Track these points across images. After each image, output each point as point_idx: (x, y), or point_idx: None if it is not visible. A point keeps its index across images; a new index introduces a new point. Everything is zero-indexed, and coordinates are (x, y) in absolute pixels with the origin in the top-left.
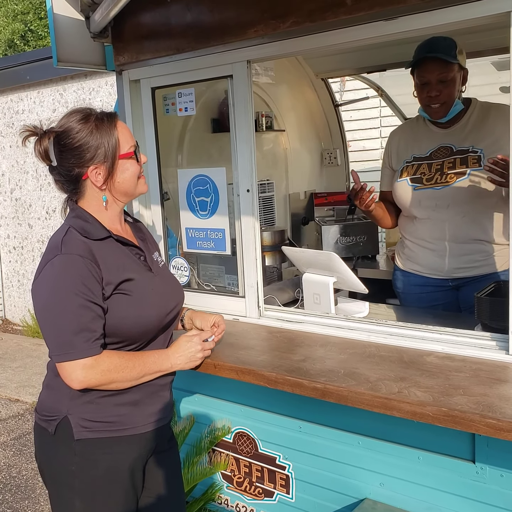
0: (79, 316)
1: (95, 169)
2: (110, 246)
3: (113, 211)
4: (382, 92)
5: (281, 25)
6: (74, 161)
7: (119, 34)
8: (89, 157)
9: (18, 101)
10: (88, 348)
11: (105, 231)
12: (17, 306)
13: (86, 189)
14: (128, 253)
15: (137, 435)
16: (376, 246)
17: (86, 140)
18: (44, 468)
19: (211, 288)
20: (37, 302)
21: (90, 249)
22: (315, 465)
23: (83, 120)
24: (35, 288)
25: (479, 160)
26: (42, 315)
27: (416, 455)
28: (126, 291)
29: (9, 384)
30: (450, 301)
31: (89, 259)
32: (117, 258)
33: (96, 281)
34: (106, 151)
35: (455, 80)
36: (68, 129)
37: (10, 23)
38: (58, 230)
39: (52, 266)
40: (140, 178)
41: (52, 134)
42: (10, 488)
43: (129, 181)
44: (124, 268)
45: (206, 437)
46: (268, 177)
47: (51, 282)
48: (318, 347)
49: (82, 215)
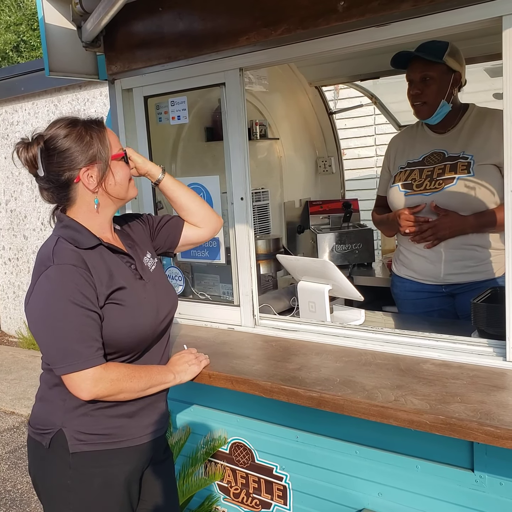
0: (81, 325)
1: (87, 171)
2: (100, 254)
3: (104, 216)
4: (376, 100)
5: (273, 32)
6: (65, 164)
7: (111, 43)
8: (80, 159)
9: (12, 112)
10: (93, 357)
11: (95, 239)
12: (13, 318)
13: (77, 193)
14: (118, 261)
15: (133, 447)
16: (372, 253)
17: (76, 143)
18: (38, 482)
19: (206, 297)
20: (34, 315)
21: (82, 258)
22: (313, 476)
23: (70, 125)
24: (31, 302)
25: (469, 167)
26: (41, 328)
27: (414, 464)
28: (118, 300)
29: (4, 396)
30: (445, 307)
31: (82, 268)
32: (108, 267)
33: (92, 289)
34: (98, 152)
35: (439, 81)
36: (56, 134)
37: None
38: (47, 241)
39: (47, 278)
40: (130, 181)
41: (41, 140)
42: (5, 502)
43: (121, 183)
44: (115, 277)
45: (202, 448)
46: (263, 186)
47: (48, 294)
48: (313, 355)
49: (70, 225)
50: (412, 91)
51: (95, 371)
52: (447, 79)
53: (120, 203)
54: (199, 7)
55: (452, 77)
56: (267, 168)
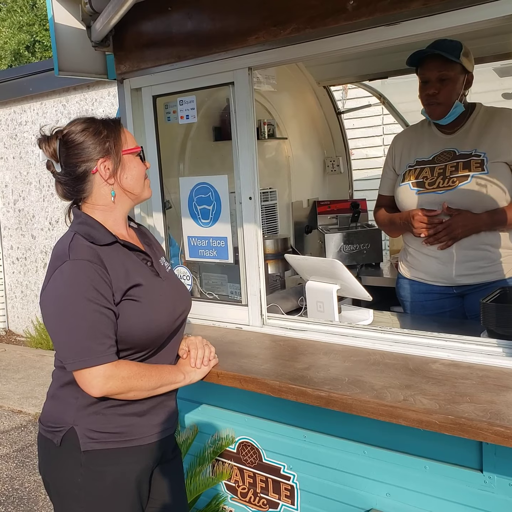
0: (94, 322)
1: (104, 162)
2: (116, 251)
3: (119, 211)
4: (384, 100)
5: (282, 31)
6: (83, 155)
7: (120, 42)
8: (97, 150)
9: (21, 112)
10: (105, 354)
11: (111, 236)
12: (20, 317)
13: (93, 185)
14: (135, 258)
15: (144, 445)
16: (380, 253)
17: (93, 137)
18: (49, 480)
19: (214, 296)
20: (48, 310)
21: (97, 254)
22: (320, 475)
23: (88, 121)
24: (45, 296)
25: (482, 164)
26: (54, 323)
27: (423, 465)
28: (135, 297)
29: (12, 395)
30: (455, 309)
31: (98, 264)
32: (125, 263)
33: (107, 286)
34: (115, 145)
35: (456, 81)
36: (74, 128)
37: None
38: (63, 237)
39: (61, 273)
40: (146, 180)
41: (60, 134)
42: (13, 500)
43: (136, 178)
44: (132, 273)
45: (209, 447)
46: (271, 185)
47: (63, 289)
48: (322, 355)
49: (87, 221)
50: (428, 90)
51: (107, 368)
52: (462, 79)
53: (135, 201)
54: (208, 6)
55: (465, 78)
56: (275, 168)
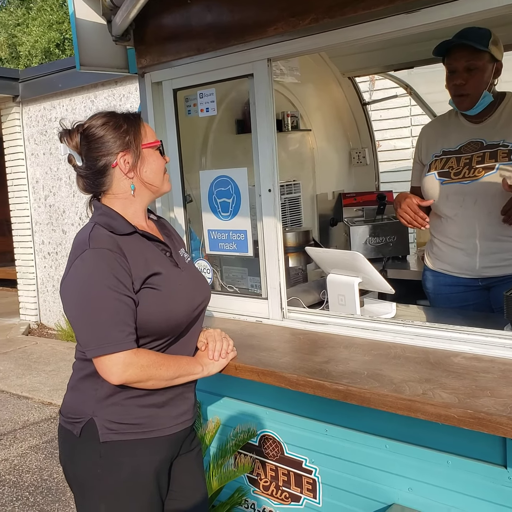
0: (114, 309)
1: (124, 156)
2: (136, 241)
3: (139, 203)
4: (411, 90)
5: (301, 22)
6: (103, 149)
7: (140, 36)
8: (117, 144)
9: (51, 109)
10: (124, 342)
11: (130, 227)
12: (52, 311)
13: (113, 179)
14: (154, 248)
15: (163, 437)
16: (406, 246)
17: (113, 131)
18: (69, 470)
19: (234, 290)
20: (69, 298)
21: (117, 243)
22: (342, 469)
23: (108, 115)
24: (65, 284)
25: (510, 154)
26: (75, 311)
27: (445, 459)
28: (154, 285)
29: (43, 387)
30: (481, 301)
31: (117, 253)
32: (144, 253)
33: (127, 274)
34: (134, 139)
35: (484, 70)
36: (95, 123)
37: (46, 33)
38: (84, 227)
39: (82, 261)
40: (165, 174)
41: (81, 128)
42: (42, 490)
43: (156, 172)
44: (151, 263)
45: (231, 440)
46: (295, 178)
47: (83, 277)
48: (342, 348)
49: (107, 212)
50: (456, 81)
51: (126, 355)
52: (491, 68)
53: (155, 194)
54: None
55: (494, 67)
56: (299, 160)
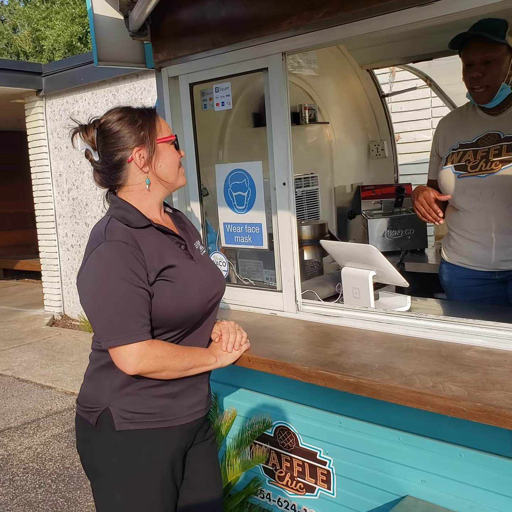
0: (129, 301)
1: (139, 150)
2: (151, 234)
3: (154, 198)
4: (430, 82)
5: (315, 15)
6: (119, 144)
7: (157, 31)
8: (133, 139)
9: (73, 102)
10: (139, 333)
11: (145, 220)
12: (75, 302)
13: (128, 173)
14: (169, 241)
15: (177, 426)
16: (424, 239)
17: (129, 126)
18: (86, 459)
19: (250, 282)
20: (85, 290)
21: (132, 236)
22: (356, 461)
23: (124, 110)
24: (82, 276)
25: None
26: (91, 302)
27: (458, 452)
28: (169, 277)
29: (65, 377)
30: (498, 295)
31: (133, 246)
32: (159, 246)
33: (142, 266)
34: (149, 134)
35: (501, 62)
36: (111, 118)
37: (69, 26)
38: (100, 221)
39: (98, 254)
40: (180, 168)
41: (97, 123)
42: (64, 478)
43: (171, 167)
44: (166, 255)
45: (247, 431)
46: (312, 171)
47: (99, 269)
48: (355, 341)
49: (122, 206)
50: (472, 74)
51: (141, 346)
52: (508, 60)
53: (170, 188)
54: None
55: (511, 58)
56: (317, 153)
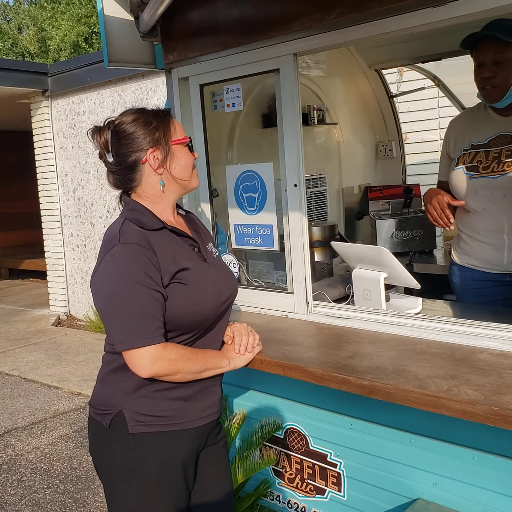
0: (143, 304)
1: (153, 152)
2: (164, 236)
3: (168, 200)
4: (439, 82)
5: (327, 16)
6: (133, 146)
7: (167, 32)
8: (147, 140)
9: (79, 102)
10: (153, 336)
11: (159, 222)
12: (81, 302)
13: (142, 175)
14: (182, 244)
15: (190, 429)
16: (433, 240)
17: (143, 127)
18: (99, 461)
19: (260, 284)
20: (99, 292)
21: (146, 238)
22: (367, 463)
23: (139, 112)
24: (96, 279)
25: None
26: (105, 305)
27: (471, 455)
28: (182, 280)
29: (72, 378)
30: (509, 296)
31: (147, 248)
32: (172, 248)
33: (156, 269)
34: (164, 136)
35: None
36: (125, 119)
37: (75, 27)
38: (114, 223)
39: (112, 256)
40: (194, 170)
41: (111, 125)
42: (72, 478)
43: (184, 168)
44: (180, 258)
45: (257, 432)
46: (321, 171)
47: (113, 271)
48: (367, 343)
49: (136, 208)
50: (484, 74)
51: (155, 349)
52: None
53: (183, 190)
54: None
55: None
56: (325, 154)
